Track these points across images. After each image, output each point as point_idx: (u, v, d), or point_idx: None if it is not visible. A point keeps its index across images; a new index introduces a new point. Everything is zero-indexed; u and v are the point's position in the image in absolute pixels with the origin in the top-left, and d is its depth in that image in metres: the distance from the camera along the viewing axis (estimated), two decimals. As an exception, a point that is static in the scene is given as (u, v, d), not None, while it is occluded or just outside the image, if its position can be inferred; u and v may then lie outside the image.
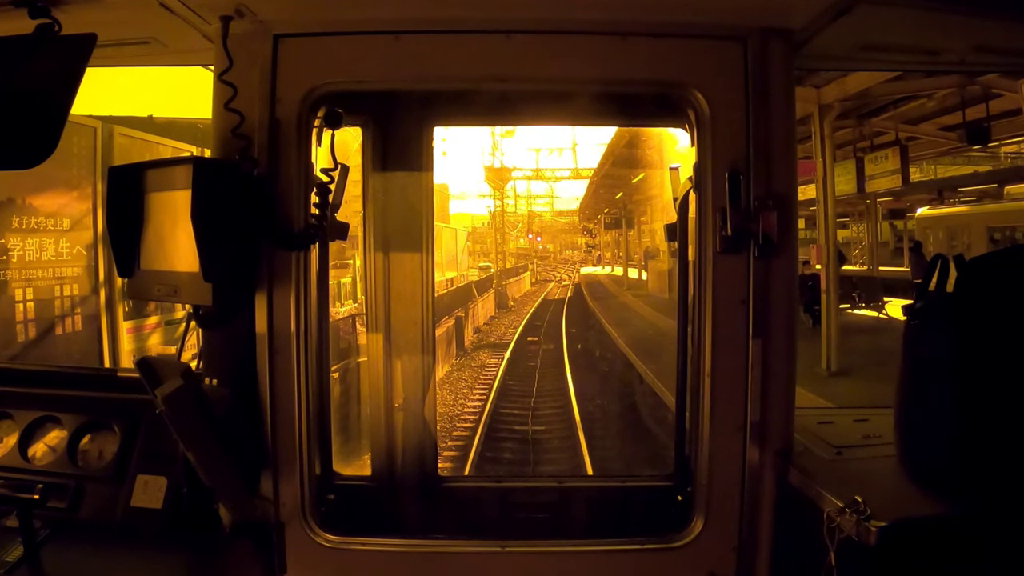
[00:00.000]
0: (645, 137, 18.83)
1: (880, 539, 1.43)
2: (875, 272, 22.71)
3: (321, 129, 2.05)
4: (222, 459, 1.71)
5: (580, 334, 21.13)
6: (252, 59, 1.85)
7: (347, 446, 5.59)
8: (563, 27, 1.89)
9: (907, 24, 1.91)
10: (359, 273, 14.83)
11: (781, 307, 1.89)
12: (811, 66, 2.42)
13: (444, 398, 13.98)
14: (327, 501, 2.25)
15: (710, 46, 1.88)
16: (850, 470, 1.80)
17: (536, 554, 1.98)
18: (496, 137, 39.38)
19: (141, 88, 9.32)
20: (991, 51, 2.11)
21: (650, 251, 31.06)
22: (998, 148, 22.83)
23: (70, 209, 6.92)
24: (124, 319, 7.44)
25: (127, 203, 1.79)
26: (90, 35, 1.50)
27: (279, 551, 1.90)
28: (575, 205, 54.20)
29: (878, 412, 2.18)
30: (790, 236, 1.87)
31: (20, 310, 6.39)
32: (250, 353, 1.88)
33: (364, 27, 1.88)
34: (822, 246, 10.53)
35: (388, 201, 2.71)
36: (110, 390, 2.13)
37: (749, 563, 1.90)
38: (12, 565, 1.67)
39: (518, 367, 17.38)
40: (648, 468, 9.50)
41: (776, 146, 1.87)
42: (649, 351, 13.25)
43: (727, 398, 1.90)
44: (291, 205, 1.87)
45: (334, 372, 6.47)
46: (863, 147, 14.66)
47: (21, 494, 1.69)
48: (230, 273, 1.75)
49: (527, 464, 10.45)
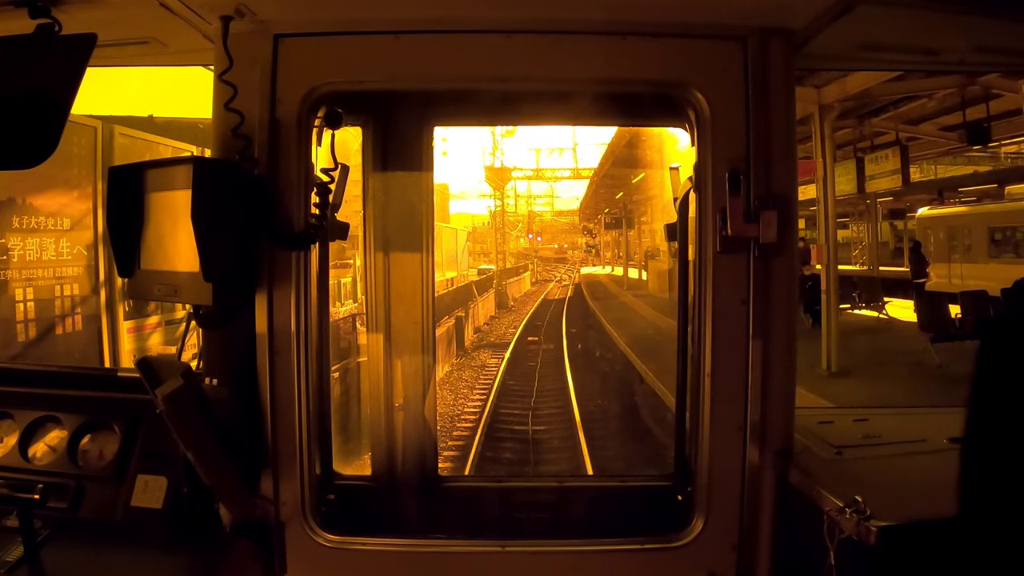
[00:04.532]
0: (645, 137, 18.82)
1: (880, 539, 1.43)
2: (875, 272, 22.70)
3: (321, 129, 2.05)
4: (222, 459, 1.71)
5: (580, 334, 21.13)
6: (252, 59, 1.85)
7: (347, 446, 5.59)
8: (563, 27, 1.89)
9: (907, 24, 1.91)
10: (359, 273, 14.83)
11: (781, 307, 1.89)
12: (811, 66, 2.43)
13: (444, 398, 13.97)
14: (327, 501, 2.25)
15: (710, 46, 1.88)
16: (850, 470, 1.80)
17: (536, 554, 1.99)
18: (496, 137, 39.32)
19: (141, 88, 9.33)
20: (991, 51, 2.11)
21: (651, 251, 31.08)
22: (998, 148, 22.80)
23: (70, 209, 6.91)
24: (124, 319, 7.45)
25: (127, 203, 1.79)
26: (90, 35, 1.50)
27: (279, 551, 1.90)
28: (575, 205, 54.26)
29: (878, 412, 2.18)
30: (790, 236, 1.87)
31: (20, 310, 6.39)
32: (250, 353, 1.88)
33: (364, 27, 1.88)
34: (822, 246, 10.53)
35: (388, 201, 2.71)
36: (110, 390, 2.13)
37: (749, 563, 1.90)
38: (12, 565, 1.67)
39: (518, 367, 17.37)
40: (648, 468, 9.50)
41: (776, 146, 1.88)
42: (649, 351, 13.25)
43: (727, 398, 1.90)
44: (291, 205, 1.87)
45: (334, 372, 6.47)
46: (863, 147, 14.66)
47: (21, 494, 1.69)
48: (230, 273, 1.75)
49: (527, 464, 10.44)
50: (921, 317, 10.80)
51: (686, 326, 2.25)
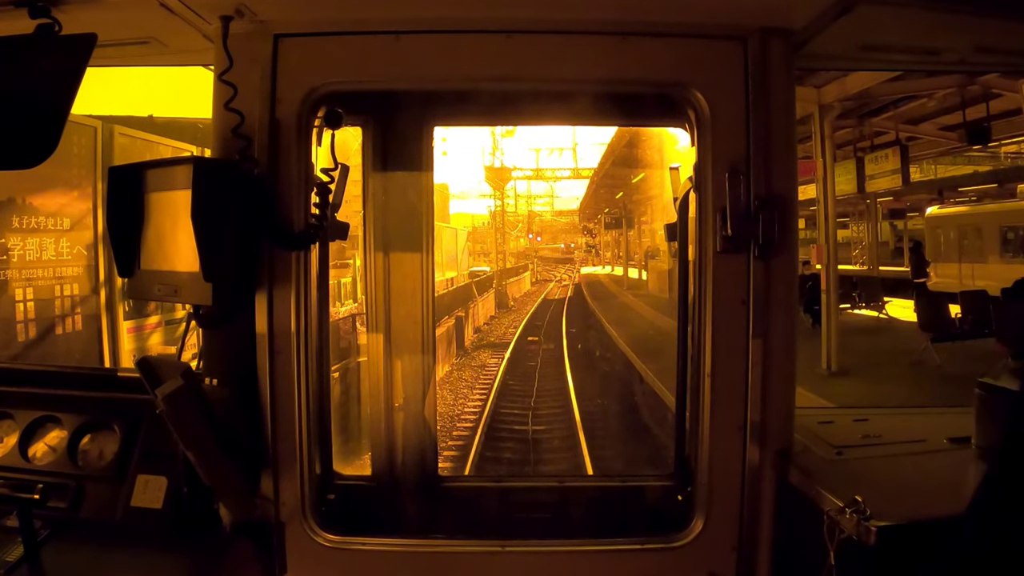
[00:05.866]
0: (645, 137, 18.85)
1: (880, 539, 1.43)
2: (875, 272, 22.66)
3: (321, 129, 2.05)
4: (222, 459, 1.70)
5: (580, 334, 21.13)
6: (252, 59, 1.85)
7: (347, 446, 5.58)
8: (563, 27, 1.89)
9: (907, 24, 1.91)
10: (359, 273, 14.83)
11: (781, 307, 1.89)
12: (811, 66, 2.43)
13: (444, 398, 13.98)
14: (327, 501, 2.25)
15: (710, 46, 1.88)
16: (850, 470, 1.80)
17: (536, 554, 1.99)
18: (496, 137, 39.31)
19: (141, 88, 9.34)
20: (991, 51, 2.11)
21: (651, 251, 31.08)
22: (998, 148, 22.79)
23: (70, 209, 6.92)
24: (124, 319, 7.45)
25: (127, 203, 1.79)
26: (90, 35, 1.50)
27: (279, 551, 1.90)
28: (575, 205, 54.22)
29: (878, 412, 2.18)
30: (790, 236, 1.87)
31: (20, 310, 6.40)
32: (250, 353, 1.88)
33: (364, 27, 1.88)
34: (822, 246, 10.53)
35: (388, 201, 2.71)
36: (110, 390, 2.13)
37: (749, 563, 1.90)
38: (12, 565, 1.67)
39: (518, 367, 17.37)
40: (648, 468, 9.50)
41: (776, 146, 1.87)
42: (649, 351, 13.24)
43: (727, 398, 1.90)
44: (291, 205, 1.87)
45: (334, 372, 6.47)
46: (863, 147, 14.65)
47: (21, 494, 1.69)
48: (230, 273, 1.75)
49: (527, 464, 10.44)
50: (921, 317, 10.81)
51: (686, 326, 2.25)
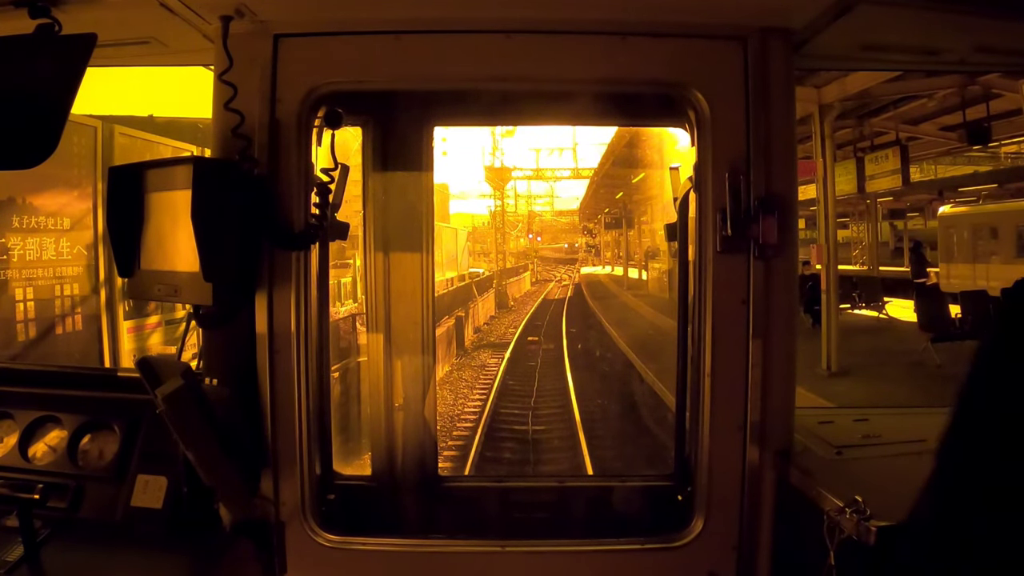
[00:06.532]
0: (645, 137, 18.82)
1: (880, 539, 1.43)
2: (875, 272, 22.63)
3: (321, 129, 2.05)
4: (222, 459, 1.71)
5: (580, 334, 21.11)
6: (252, 59, 1.85)
7: (347, 446, 5.58)
8: (563, 27, 1.89)
9: (907, 24, 1.91)
10: (359, 273, 14.82)
11: (781, 307, 1.89)
12: (811, 66, 2.43)
13: (444, 398, 13.97)
14: (327, 501, 2.25)
15: (710, 46, 1.89)
16: (850, 470, 1.80)
17: (536, 554, 1.99)
18: (496, 137, 39.28)
19: (141, 88, 9.30)
20: (991, 51, 2.11)
21: (651, 251, 31.08)
22: (998, 148, 22.76)
23: (70, 209, 6.91)
24: (124, 319, 7.44)
25: (127, 203, 1.79)
26: (90, 35, 1.50)
27: (279, 551, 1.90)
28: (575, 205, 54.24)
29: (878, 412, 2.18)
30: (790, 236, 1.87)
31: (20, 309, 6.39)
32: (250, 353, 1.88)
33: (364, 27, 1.88)
34: (822, 246, 10.53)
35: (388, 201, 2.71)
36: (110, 390, 2.14)
37: (749, 563, 1.90)
38: (12, 565, 1.67)
39: (518, 367, 17.36)
40: (648, 468, 9.50)
41: (776, 146, 1.88)
42: (649, 351, 13.25)
43: (727, 398, 1.90)
44: (291, 205, 1.87)
45: (334, 372, 6.46)
46: (863, 147, 14.66)
47: (21, 494, 1.69)
48: (230, 273, 1.75)
49: (527, 464, 10.44)
50: (921, 317, 10.81)
51: (686, 326, 2.25)
